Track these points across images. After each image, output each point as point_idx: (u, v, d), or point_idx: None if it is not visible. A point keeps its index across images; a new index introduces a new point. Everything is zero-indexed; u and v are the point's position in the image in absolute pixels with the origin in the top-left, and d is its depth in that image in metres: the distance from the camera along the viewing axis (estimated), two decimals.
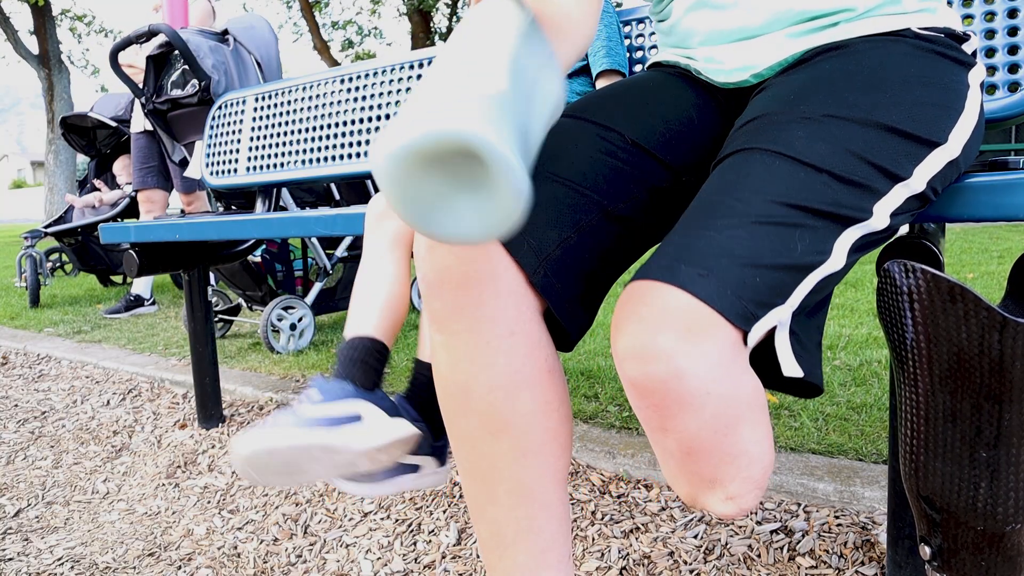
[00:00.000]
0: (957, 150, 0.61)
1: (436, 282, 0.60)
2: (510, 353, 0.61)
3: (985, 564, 0.65)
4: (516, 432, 0.62)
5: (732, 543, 1.15)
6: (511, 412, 0.61)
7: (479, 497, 0.65)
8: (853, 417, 1.56)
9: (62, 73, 10.75)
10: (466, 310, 0.60)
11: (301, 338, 2.68)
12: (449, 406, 0.64)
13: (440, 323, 0.62)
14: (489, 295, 0.60)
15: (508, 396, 0.61)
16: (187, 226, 1.55)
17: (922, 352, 0.62)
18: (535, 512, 0.63)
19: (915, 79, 0.62)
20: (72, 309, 3.94)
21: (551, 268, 0.62)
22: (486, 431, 0.62)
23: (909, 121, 0.59)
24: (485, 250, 0.59)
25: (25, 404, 2.23)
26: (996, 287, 3.03)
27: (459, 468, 0.66)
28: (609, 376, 1.97)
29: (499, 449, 0.62)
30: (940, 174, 0.61)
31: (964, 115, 0.62)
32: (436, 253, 0.60)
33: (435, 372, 0.65)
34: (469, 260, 0.59)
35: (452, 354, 0.62)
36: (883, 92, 0.60)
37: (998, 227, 5.82)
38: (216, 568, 1.20)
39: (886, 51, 0.64)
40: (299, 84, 2.02)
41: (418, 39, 11.55)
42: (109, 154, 4.36)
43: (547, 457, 0.63)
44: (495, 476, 0.63)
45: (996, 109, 1.05)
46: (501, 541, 0.64)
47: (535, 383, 0.62)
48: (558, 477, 0.65)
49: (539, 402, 0.62)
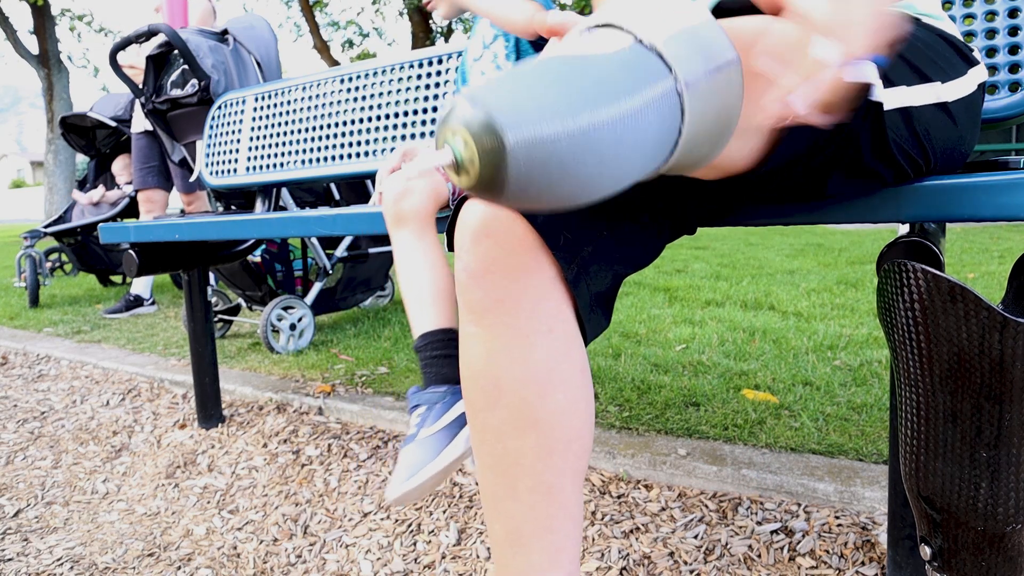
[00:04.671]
0: (949, 97, 0.62)
1: (480, 272, 0.60)
2: (548, 349, 0.61)
3: (985, 564, 0.65)
4: (544, 429, 0.61)
5: (732, 543, 1.15)
6: (541, 409, 0.61)
7: (498, 493, 0.65)
8: (853, 417, 1.56)
9: (62, 73, 10.75)
10: (506, 302, 0.60)
11: (301, 338, 2.68)
12: (477, 399, 0.64)
13: (478, 314, 0.62)
14: (530, 289, 0.60)
15: (541, 392, 0.61)
16: (187, 226, 1.55)
17: (922, 352, 0.62)
18: (554, 511, 0.63)
19: (919, 41, 0.63)
20: (72, 309, 3.94)
21: (582, 265, 0.62)
22: (513, 426, 0.62)
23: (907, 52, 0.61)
24: (528, 243, 0.59)
25: (24, 404, 2.23)
26: (996, 287, 3.03)
27: (479, 463, 0.66)
28: (609, 376, 1.97)
29: (525, 445, 0.62)
30: (925, 110, 0.61)
31: (964, 78, 0.64)
32: (483, 243, 0.60)
33: (464, 364, 0.65)
34: (513, 252, 0.59)
35: (487, 346, 0.62)
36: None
37: (998, 227, 5.82)
38: (216, 568, 1.20)
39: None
40: (299, 84, 2.02)
41: (418, 39, 11.55)
42: (109, 154, 4.36)
43: (570, 456, 0.63)
44: (518, 472, 0.63)
45: (996, 109, 1.04)
46: (518, 539, 0.64)
47: (568, 381, 0.62)
48: (578, 477, 0.65)
49: (570, 400, 0.62)
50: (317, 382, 2.15)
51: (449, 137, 0.43)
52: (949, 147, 0.66)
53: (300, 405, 1.99)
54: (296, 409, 1.98)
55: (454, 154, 0.42)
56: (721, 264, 4.21)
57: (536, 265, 0.60)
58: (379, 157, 1.82)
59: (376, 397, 1.96)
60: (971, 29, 1.08)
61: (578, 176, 0.43)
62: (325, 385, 2.09)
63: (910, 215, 0.66)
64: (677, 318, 2.73)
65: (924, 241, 0.73)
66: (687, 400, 1.74)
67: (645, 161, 0.46)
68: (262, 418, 1.93)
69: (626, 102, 0.43)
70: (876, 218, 0.68)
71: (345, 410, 1.90)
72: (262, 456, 1.68)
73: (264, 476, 1.57)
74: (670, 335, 2.44)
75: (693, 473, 1.37)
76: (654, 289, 3.43)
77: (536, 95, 0.41)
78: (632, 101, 0.43)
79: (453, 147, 0.42)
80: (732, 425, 1.55)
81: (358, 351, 2.52)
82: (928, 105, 0.61)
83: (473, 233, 0.61)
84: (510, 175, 0.41)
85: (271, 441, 1.77)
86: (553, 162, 0.41)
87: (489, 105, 0.41)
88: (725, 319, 2.66)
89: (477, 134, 0.41)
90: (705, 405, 1.70)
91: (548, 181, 0.42)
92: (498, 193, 0.42)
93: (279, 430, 1.83)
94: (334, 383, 2.12)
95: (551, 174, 0.42)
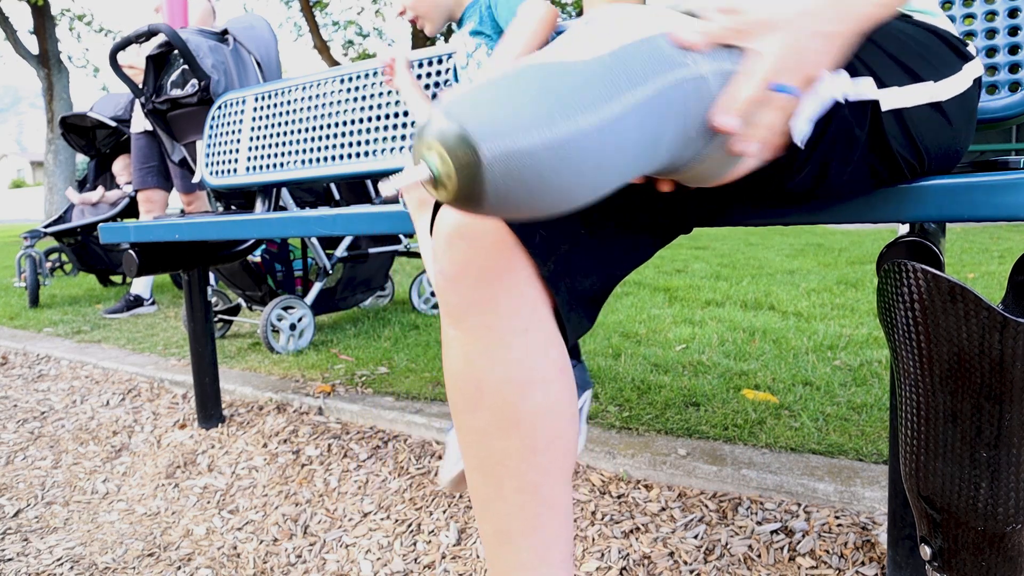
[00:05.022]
0: (943, 96, 0.62)
1: (454, 276, 0.61)
2: (525, 349, 0.61)
3: (985, 564, 0.65)
4: (526, 429, 0.62)
5: (732, 543, 1.15)
6: (522, 409, 0.61)
7: (485, 493, 0.65)
8: (853, 417, 1.56)
9: (62, 73, 10.75)
10: (482, 304, 0.60)
11: (301, 338, 2.68)
12: (459, 402, 0.65)
13: (455, 317, 0.62)
14: (506, 290, 0.60)
15: (521, 393, 0.61)
16: (187, 226, 1.55)
17: (922, 352, 0.62)
18: (540, 510, 0.64)
19: (911, 39, 0.64)
20: (72, 309, 3.94)
21: (561, 264, 0.62)
22: (496, 427, 0.62)
23: (900, 53, 0.61)
24: (502, 244, 0.59)
25: (24, 404, 2.23)
26: (996, 287, 3.03)
27: (466, 464, 0.67)
28: (609, 376, 1.97)
29: (508, 446, 0.62)
30: (918, 111, 0.61)
31: (958, 74, 0.64)
32: (455, 247, 0.60)
33: (445, 367, 0.65)
34: (487, 254, 0.59)
35: (466, 349, 0.62)
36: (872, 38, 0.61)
37: (998, 227, 5.82)
38: (216, 568, 1.20)
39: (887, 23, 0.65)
40: (299, 84, 2.02)
41: (418, 39, 11.55)
42: (109, 154, 4.36)
43: (554, 455, 0.63)
44: (503, 472, 0.63)
45: (996, 109, 1.04)
46: (505, 537, 0.65)
47: (548, 381, 0.62)
48: (564, 476, 0.65)
49: (550, 400, 0.62)
50: (317, 382, 2.15)
51: (425, 152, 0.41)
52: (943, 147, 0.66)
53: (300, 405, 1.99)
54: (296, 409, 1.99)
55: (431, 169, 0.41)
56: (721, 264, 4.21)
57: (511, 265, 0.60)
58: (379, 157, 1.81)
59: (376, 397, 1.96)
60: (971, 29, 1.07)
61: (558, 186, 0.42)
62: (325, 385, 2.09)
63: (910, 215, 0.66)
64: (677, 318, 2.73)
65: (924, 241, 0.73)
66: (687, 400, 1.74)
67: (626, 168, 0.45)
68: (262, 418, 1.93)
69: (604, 109, 0.42)
70: (876, 218, 0.68)
71: (345, 410, 1.90)
72: (262, 456, 1.68)
73: (264, 476, 1.57)
74: (670, 335, 2.44)
75: (693, 473, 1.37)
76: (654, 289, 3.43)
77: (512, 105, 0.40)
78: (611, 108, 0.42)
79: (429, 162, 0.41)
80: (732, 425, 1.55)
81: (358, 351, 2.52)
82: (922, 105, 0.61)
83: (447, 236, 0.61)
84: (488, 188, 0.40)
85: (271, 441, 1.77)
86: (531, 174, 0.40)
87: (463, 118, 0.40)
88: (725, 319, 2.66)
89: (452, 148, 0.40)
90: (705, 405, 1.70)
91: (528, 192, 0.41)
92: (478, 205, 0.41)
93: (279, 430, 1.83)
94: (334, 383, 2.12)
95: (530, 185, 0.41)
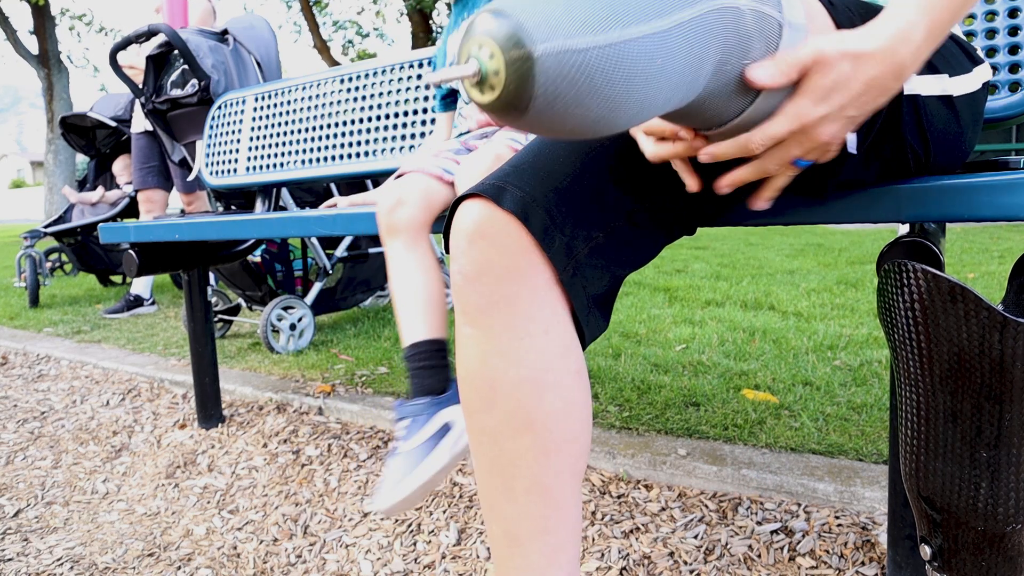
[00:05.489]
0: (956, 91, 0.63)
1: (475, 274, 0.60)
2: (544, 351, 0.61)
3: (986, 564, 0.65)
4: (540, 430, 0.62)
5: (732, 543, 1.15)
6: (537, 410, 0.61)
7: (495, 494, 0.65)
8: (853, 417, 1.56)
9: (62, 73, 10.75)
10: (502, 304, 0.60)
11: (301, 338, 2.68)
12: (472, 401, 0.64)
13: (473, 316, 0.62)
14: (528, 290, 0.60)
15: (536, 394, 0.61)
16: (187, 226, 1.55)
17: (922, 352, 0.62)
18: (551, 512, 0.63)
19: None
20: (71, 309, 3.94)
21: (578, 267, 0.62)
22: (510, 428, 0.62)
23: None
24: (522, 245, 0.59)
25: (24, 404, 2.23)
26: (996, 287, 3.03)
27: (476, 464, 0.66)
28: (609, 376, 1.97)
29: (521, 446, 0.62)
30: (930, 101, 0.62)
31: (970, 75, 0.65)
32: (476, 246, 0.60)
33: (460, 366, 0.65)
34: (509, 254, 0.59)
35: (482, 348, 0.62)
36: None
37: (998, 227, 5.82)
38: (216, 568, 1.20)
39: None
40: (299, 84, 2.02)
41: (418, 39, 11.55)
42: (109, 154, 4.36)
43: (567, 457, 0.63)
44: (514, 473, 0.63)
45: (996, 109, 1.04)
46: (514, 539, 0.64)
47: (564, 383, 0.62)
48: (576, 479, 0.65)
49: (565, 402, 0.62)
50: (317, 382, 2.15)
51: (475, 49, 0.40)
52: (949, 143, 0.66)
53: (300, 405, 1.99)
54: (296, 409, 1.99)
55: (480, 66, 0.40)
56: (721, 264, 4.21)
57: (531, 267, 0.60)
58: (379, 157, 1.82)
59: (376, 397, 1.96)
60: (971, 29, 1.08)
61: (606, 95, 0.41)
62: (325, 385, 2.09)
63: (910, 215, 0.66)
64: (677, 318, 2.73)
65: (924, 241, 0.73)
66: (687, 400, 1.74)
67: (671, 90, 0.44)
68: (262, 418, 1.93)
69: (656, 22, 0.41)
70: (876, 218, 0.68)
71: (345, 410, 1.90)
72: (262, 456, 1.68)
73: (264, 476, 1.57)
74: (670, 335, 2.44)
75: (693, 473, 1.37)
76: (654, 289, 3.43)
77: (565, 6, 0.39)
78: (661, 22, 0.41)
79: (479, 59, 0.40)
80: (732, 425, 1.55)
81: (358, 351, 2.52)
82: (933, 97, 0.62)
83: (468, 235, 0.61)
84: (537, 88, 0.39)
85: (271, 441, 1.77)
86: (582, 77, 0.39)
87: (517, 15, 0.39)
88: (725, 319, 2.66)
89: (504, 44, 0.39)
90: (705, 405, 1.70)
91: (575, 98, 0.40)
92: (522, 110, 0.40)
93: (279, 430, 1.83)
94: (334, 383, 2.12)
95: (579, 90, 0.40)
